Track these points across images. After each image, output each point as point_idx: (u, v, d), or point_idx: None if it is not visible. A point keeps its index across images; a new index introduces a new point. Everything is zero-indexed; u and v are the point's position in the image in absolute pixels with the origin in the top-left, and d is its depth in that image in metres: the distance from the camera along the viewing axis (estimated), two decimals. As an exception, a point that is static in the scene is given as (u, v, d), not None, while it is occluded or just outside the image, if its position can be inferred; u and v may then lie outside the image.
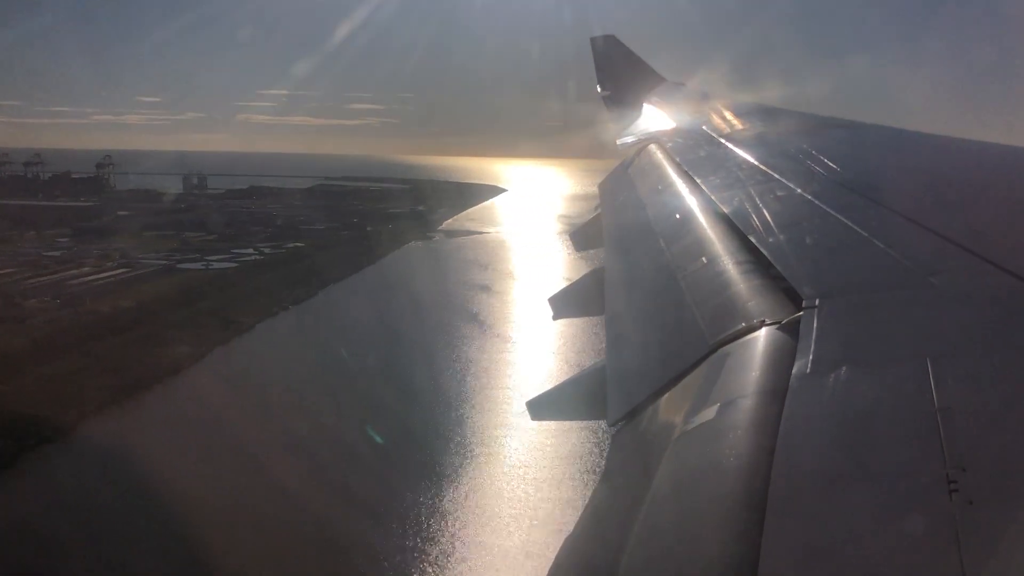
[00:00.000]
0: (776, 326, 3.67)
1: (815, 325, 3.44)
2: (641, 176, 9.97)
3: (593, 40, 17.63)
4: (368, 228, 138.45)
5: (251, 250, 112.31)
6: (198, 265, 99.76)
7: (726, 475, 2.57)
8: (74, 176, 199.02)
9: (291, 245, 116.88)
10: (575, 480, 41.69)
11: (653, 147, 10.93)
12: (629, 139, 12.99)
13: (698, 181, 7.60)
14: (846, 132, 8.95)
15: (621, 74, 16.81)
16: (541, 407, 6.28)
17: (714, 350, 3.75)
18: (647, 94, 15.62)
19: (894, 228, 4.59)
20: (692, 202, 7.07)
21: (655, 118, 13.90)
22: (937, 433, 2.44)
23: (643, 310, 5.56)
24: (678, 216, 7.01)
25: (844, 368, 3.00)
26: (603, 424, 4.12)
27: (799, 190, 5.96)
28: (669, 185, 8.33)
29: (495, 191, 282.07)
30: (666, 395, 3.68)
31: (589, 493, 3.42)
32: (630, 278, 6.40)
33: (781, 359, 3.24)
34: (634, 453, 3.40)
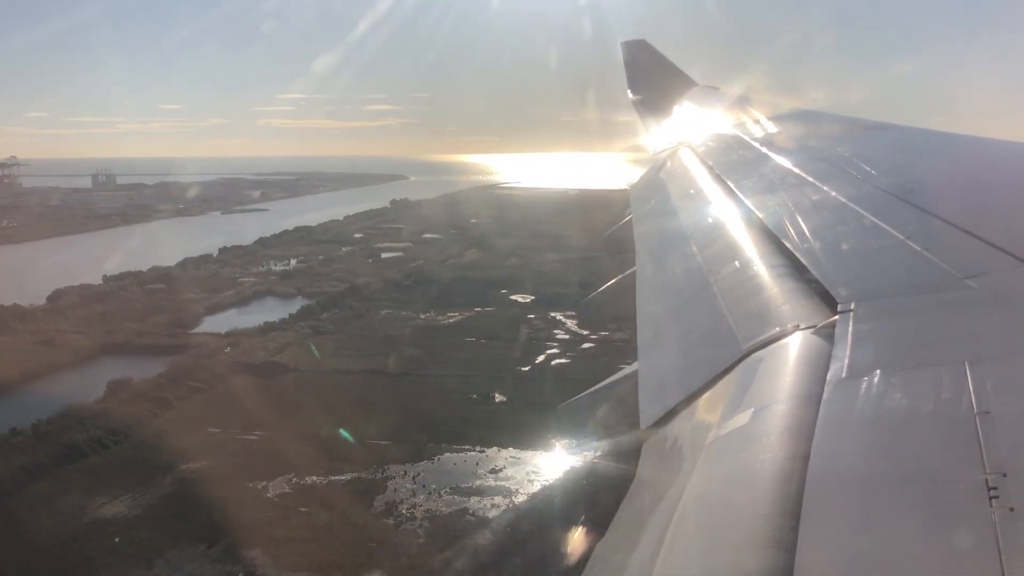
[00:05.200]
0: (811, 330, 3.67)
1: (850, 329, 3.46)
2: (673, 179, 10.06)
3: (624, 45, 18.04)
4: (160, 207, 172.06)
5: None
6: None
7: (760, 481, 2.57)
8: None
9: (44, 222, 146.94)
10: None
11: (685, 150, 11.09)
12: (660, 142, 13.31)
13: (731, 184, 7.63)
14: (880, 135, 8.97)
15: (652, 78, 17.14)
16: (572, 412, 6.51)
17: (748, 354, 3.76)
18: (678, 97, 15.84)
19: (930, 230, 4.57)
20: (725, 206, 7.09)
21: (687, 121, 14.10)
22: (976, 438, 2.42)
23: (676, 314, 5.55)
24: (711, 220, 7.05)
25: (880, 372, 3.01)
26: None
27: (833, 193, 5.96)
28: (702, 189, 8.38)
29: (386, 178, 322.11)
30: (699, 399, 3.69)
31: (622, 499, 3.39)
32: (662, 282, 6.43)
33: (816, 363, 3.25)
34: (667, 458, 3.40)
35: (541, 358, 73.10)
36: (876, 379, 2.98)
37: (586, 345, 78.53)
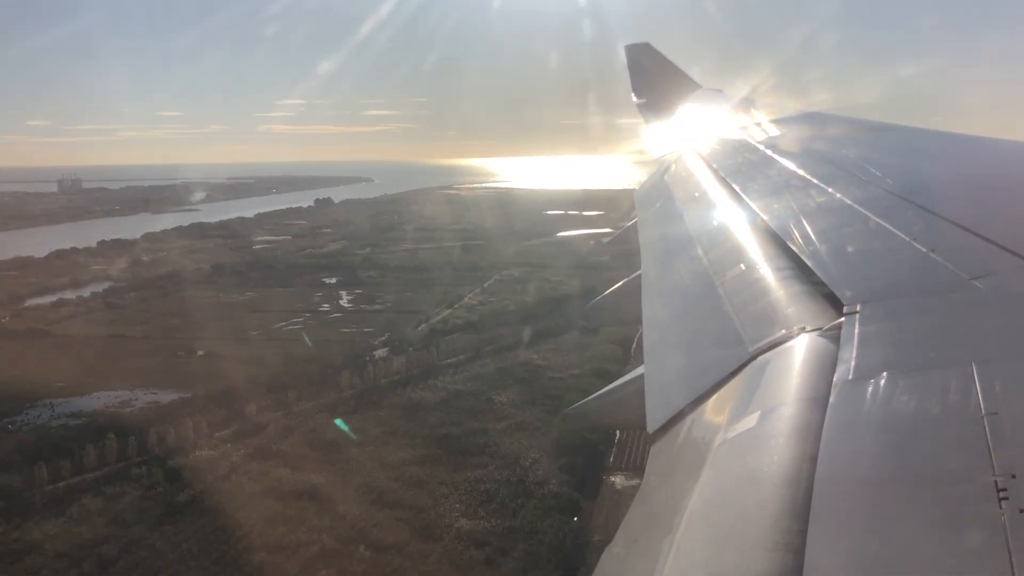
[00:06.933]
0: (817, 332, 3.67)
1: (856, 331, 3.46)
2: (678, 182, 10.13)
3: (627, 48, 18.23)
4: (94, 208, 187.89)
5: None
6: None
7: (768, 483, 2.58)
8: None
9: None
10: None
11: (690, 153, 11.16)
12: (665, 145, 13.38)
13: (736, 187, 7.67)
14: (885, 136, 9.00)
15: (656, 81, 17.25)
16: (579, 415, 6.33)
17: (754, 357, 3.77)
18: (682, 100, 15.92)
19: (936, 232, 4.57)
20: (730, 209, 7.13)
21: (691, 124, 14.15)
22: (985, 439, 2.41)
23: (682, 317, 5.58)
24: (716, 223, 7.09)
25: (887, 374, 3.00)
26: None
27: (838, 195, 5.97)
28: (706, 192, 8.42)
29: (349, 180, 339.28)
30: (706, 402, 3.70)
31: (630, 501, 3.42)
32: (668, 285, 6.46)
33: (822, 365, 3.26)
34: (674, 461, 3.42)
35: (280, 324, 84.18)
36: (883, 381, 2.96)
37: (334, 315, 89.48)
